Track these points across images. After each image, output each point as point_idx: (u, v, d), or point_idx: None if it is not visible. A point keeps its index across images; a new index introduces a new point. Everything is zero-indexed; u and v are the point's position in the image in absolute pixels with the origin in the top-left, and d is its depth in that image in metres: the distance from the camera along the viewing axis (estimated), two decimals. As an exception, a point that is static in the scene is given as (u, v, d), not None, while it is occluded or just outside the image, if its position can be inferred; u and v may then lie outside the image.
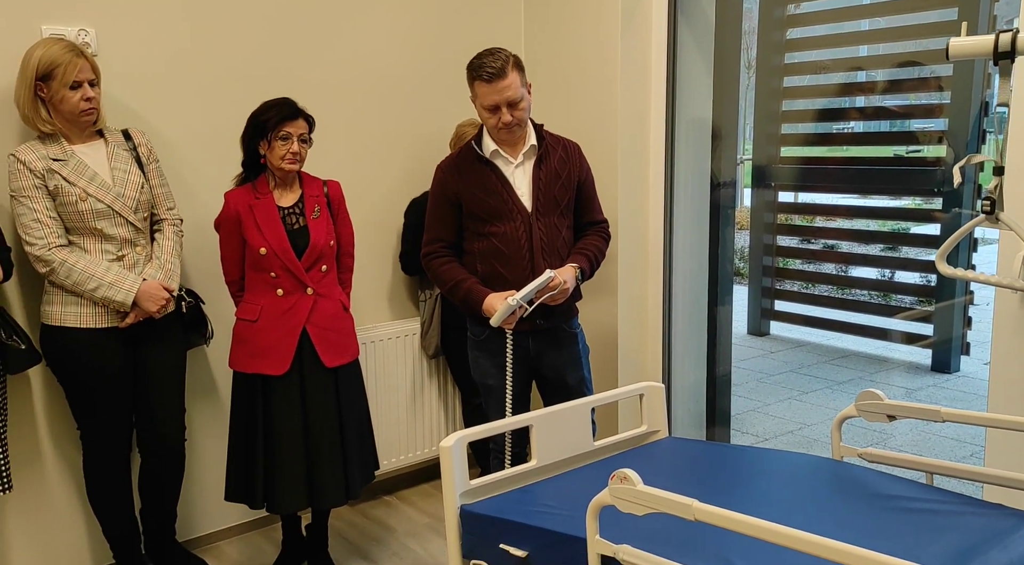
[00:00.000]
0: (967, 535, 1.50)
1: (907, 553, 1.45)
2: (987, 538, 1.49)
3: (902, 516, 1.61)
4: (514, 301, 2.24)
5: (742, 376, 5.35)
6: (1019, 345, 2.04)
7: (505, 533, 1.80)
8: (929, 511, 1.62)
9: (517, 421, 2.07)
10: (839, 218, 7.00)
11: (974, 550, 1.45)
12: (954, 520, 1.57)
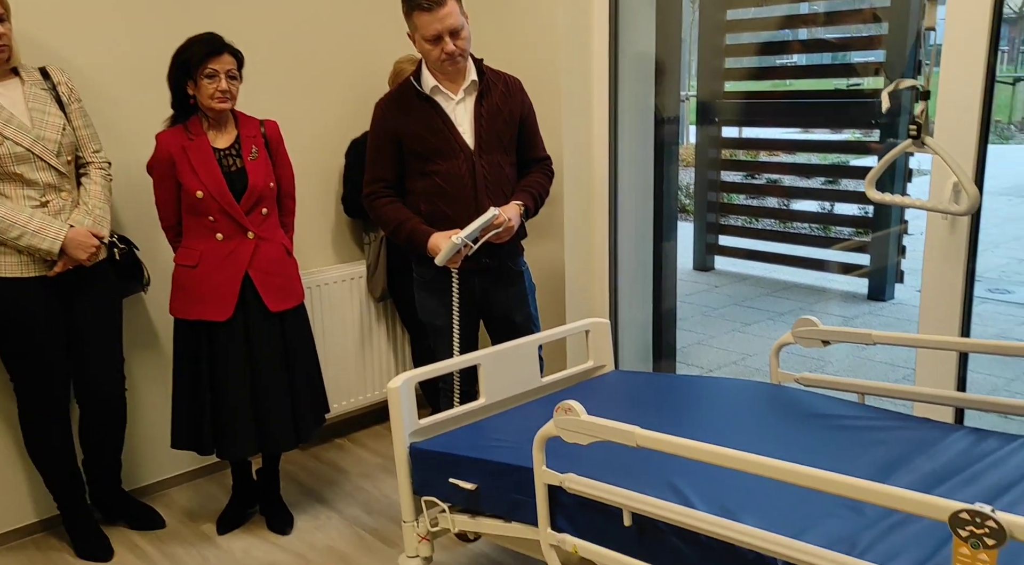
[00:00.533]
0: (895, 447, 1.58)
1: (839, 467, 1.52)
2: (913, 449, 1.57)
3: (835, 433, 1.68)
4: (458, 240, 2.23)
5: (688, 310, 5.46)
6: (948, 270, 2.11)
7: (454, 468, 1.83)
8: (861, 427, 1.70)
9: (465, 360, 2.08)
10: (782, 153, 7.09)
11: (901, 460, 1.52)
12: (884, 434, 1.65)
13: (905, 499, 1.05)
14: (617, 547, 1.53)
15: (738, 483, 1.47)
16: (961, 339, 1.73)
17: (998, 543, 0.96)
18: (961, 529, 0.99)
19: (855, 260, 5.52)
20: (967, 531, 0.98)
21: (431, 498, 1.93)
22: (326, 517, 2.72)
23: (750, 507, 1.37)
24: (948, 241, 2.11)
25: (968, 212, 1.06)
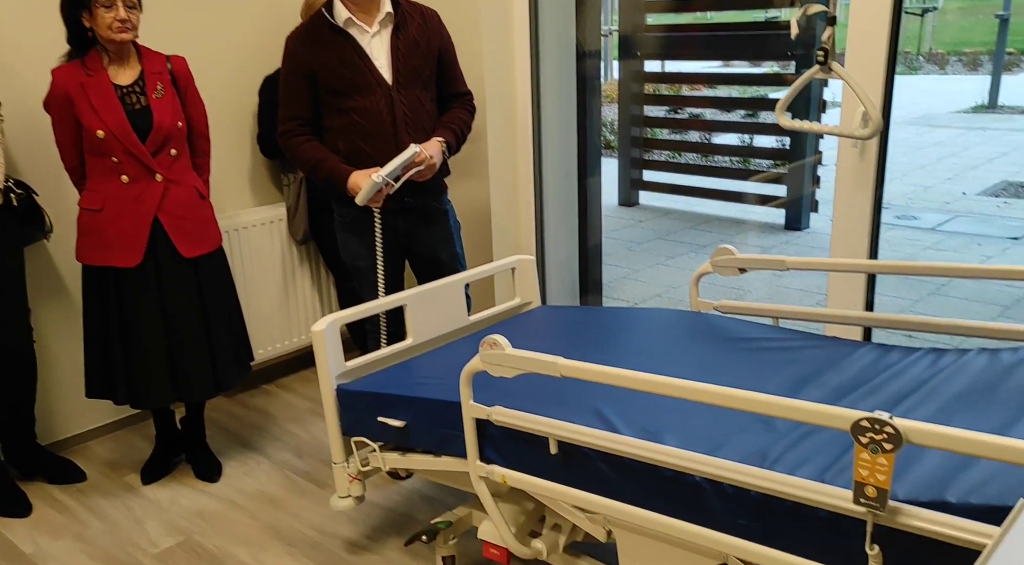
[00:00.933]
0: (806, 365, 1.66)
1: (754, 385, 1.59)
2: (823, 365, 1.65)
3: (751, 355, 1.75)
4: (379, 178, 2.18)
5: (613, 246, 5.53)
6: (858, 196, 2.18)
7: (382, 407, 1.83)
8: (775, 349, 1.77)
9: (390, 301, 2.07)
10: (703, 87, 7.15)
11: (811, 376, 1.60)
12: (796, 354, 1.72)
13: (810, 411, 1.11)
14: (545, 474, 1.57)
15: (659, 406, 1.52)
16: (868, 261, 1.81)
17: (895, 447, 1.03)
18: (862, 436, 1.05)
19: (773, 191, 5.68)
20: (867, 438, 1.04)
21: (361, 438, 1.94)
22: (255, 462, 2.70)
23: (671, 428, 1.43)
24: (858, 169, 2.18)
25: (872, 135, 1.10)
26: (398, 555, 2.16)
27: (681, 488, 1.34)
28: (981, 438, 0.99)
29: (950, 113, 9.88)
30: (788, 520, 1.22)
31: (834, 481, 1.19)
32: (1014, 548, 0.77)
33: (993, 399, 1.34)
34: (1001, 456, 0.98)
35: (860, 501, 1.08)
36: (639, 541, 1.46)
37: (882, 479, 1.05)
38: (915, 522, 1.07)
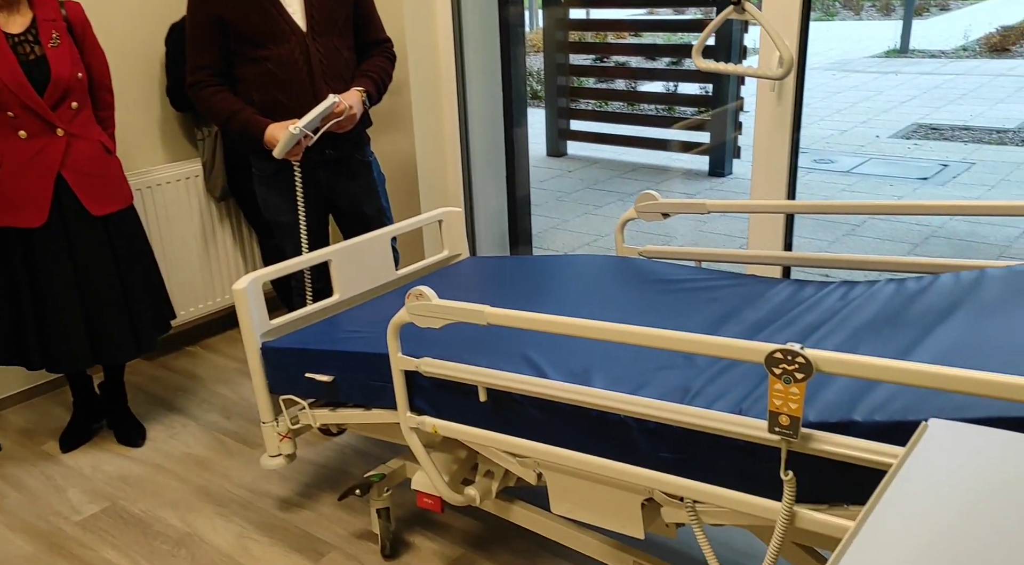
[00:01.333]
0: (726, 303, 1.71)
1: (677, 324, 1.63)
2: (742, 302, 1.69)
3: (674, 295, 1.79)
4: (297, 130, 2.11)
5: (542, 196, 5.54)
6: (776, 139, 2.23)
7: (310, 363, 1.81)
8: (697, 289, 1.81)
9: (314, 257, 2.02)
10: (628, 34, 7.14)
11: (731, 313, 1.65)
12: (717, 293, 1.77)
13: (726, 346, 1.15)
14: (476, 422, 1.58)
15: (587, 349, 1.55)
16: (783, 201, 1.85)
17: (806, 376, 1.07)
18: (775, 367, 1.09)
19: (697, 138, 5.75)
20: (780, 369, 1.08)
21: (290, 396, 1.91)
22: (181, 425, 2.64)
23: (598, 370, 1.45)
24: (775, 113, 2.22)
25: (784, 75, 1.11)
26: (332, 510, 2.16)
27: (607, 427, 1.37)
28: (884, 363, 1.03)
29: (865, 58, 10.15)
30: (708, 451, 1.26)
31: (751, 410, 1.23)
32: (916, 467, 0.81)
33: (898, 324, 1.40)
34: (900, 379, 1.03)
35: (775, 430, 1.13)
36: (568, 482, 1.50)
37: (794, 408, 1.09)
38: (825, 447, 1.12)
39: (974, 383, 0.98)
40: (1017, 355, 1.14)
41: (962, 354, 1.20)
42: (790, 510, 1.18)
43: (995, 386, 0.97)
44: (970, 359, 1.18)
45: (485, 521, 2.07)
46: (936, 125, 6.60)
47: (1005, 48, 9.73)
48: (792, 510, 1.18)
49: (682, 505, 1.36)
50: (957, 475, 0.79)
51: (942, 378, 1.00)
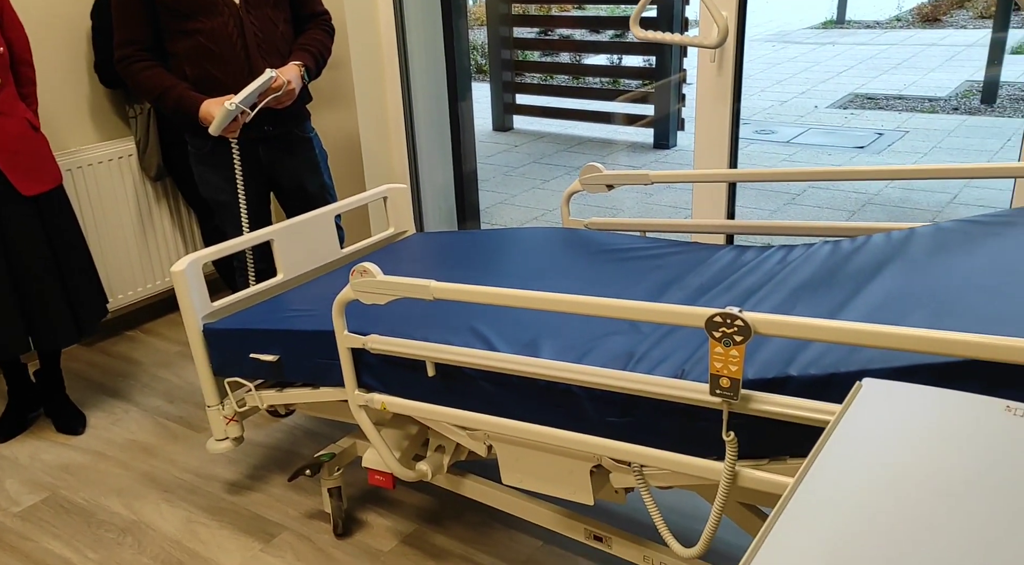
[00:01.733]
0: (670, 270, 1.73)
1: (622, 292, 1.65)
2: (685, 269, 1.72)
3: (620, 264, 1.81)
4: (233, 106, 2.05)
5: (489, 171, 5.51)
6: (717, 110, 2.25)
7: (254, 343, 1.77)
8: (642, 257, 1.83)
9: (255, 237, 1.98)
10: (572, 7, 7.10)
11: (674, 280, 1.67)
12: (661, 260, 1.79)
13: (667, 312, 1.16)
14: (425, 397, 1.57)
15: (535, 319, 1.55)
16: (723, 170, 1.88)
17: (745, 339, 1.10)
18: (715, 331, 1.11)
19: (641, 111, 5.78)
20: (720, 332, 1.11)
21: (235, 379, 1.88)
22: (123, 411, 2.58)
23: (545, 339, 1.46)
24: (716, 84, 2.24)
25: (719, 44, 1.12)
26: (282, 491, 2.14)
27: (555, 396, 1.38)
28: (817, 323, 1.06)
29: (803, 29, 10.31)
30: (653, 415, 1.29)
31: (692, 372, 1.25)
32: (850, 426, 0.84)
33: (833, 283, 1.44)
34: (831, 338, 1.06)
35: (716, 392, 1.15)
36: (518, 452, 1.51)
37: (734, 370, 1.11)
38: (765, 406, 1.15)
39: (896, 338, 1.02)
40: (940, 306, 1.19)
41: (889, 309, 1.24)
42: (732, 470, 1.21)
43: (913, 340, 1.00)
44: (896, 313, 1.22)
45: (437, 496, 2.08)
46: (871, 95, 6.75)
47: (936, 18, 9.98)
48: (734, 469, 1.21)
49: (630, 470, 1.38)
50: (889, 432, 0.81)
51: (867, 335, 1.03)
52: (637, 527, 1.92)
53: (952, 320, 1.13)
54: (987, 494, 0.71)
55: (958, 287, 1.22)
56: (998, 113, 5.95)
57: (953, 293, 1.20)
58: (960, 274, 1.26)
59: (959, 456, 0.77)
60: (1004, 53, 6.78)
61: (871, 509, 0.71)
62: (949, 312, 1.15)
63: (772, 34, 10.13)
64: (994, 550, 0.65)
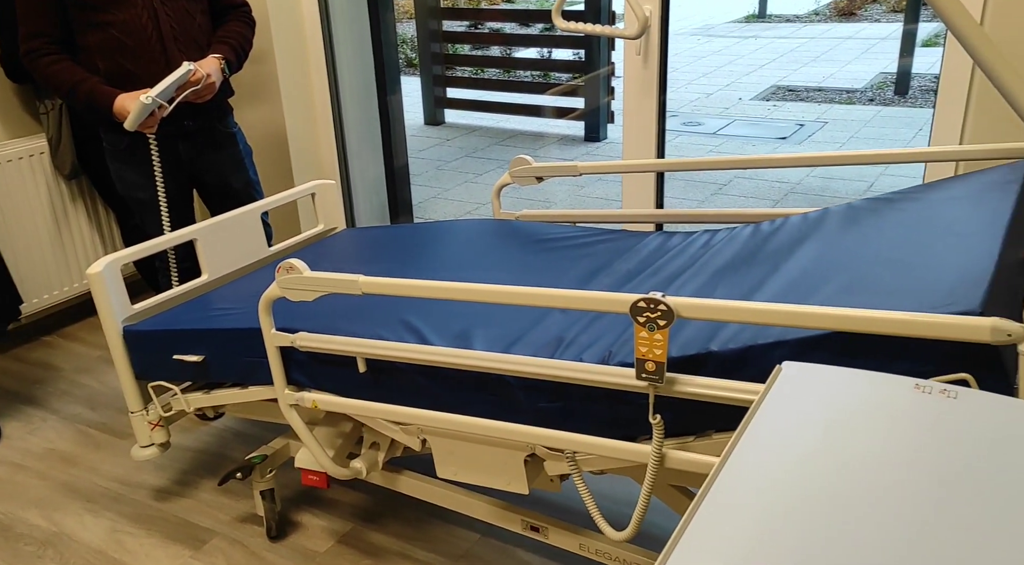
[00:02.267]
0: (599, 258, 1.75)
1: (552, 281, 1.66)
2: (614, 256, 1.75)
3: (550, 253, 1.82)
4: (149, 100, 1.98)
5: (421, 165, 5.47)
6: (644, 102, 2.29)
7: (177, 344, 1.72)
8: (572, 246, 1.85)
9: (177, 236, 1.92)
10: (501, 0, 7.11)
11: (603, 267, 1.70)
12: (590, 249, 1.81)
13: (593, 299, 1.18)
14: (357, 393, 1.56)
15: (466, 310, 1.55)
16: (650, 160, 1.91)
17: (668, 323, 1.12)
18: (639, 316, 1.13)
19: (572, 104, 5.83)
20: (644, 317, 1.13)
21: (159, 382, 1.82)
22: (40, 419, 2.47)
23: (478, 329, 1.46)
24: (642, 76, 2.27)
25: (638, 35, 1.14)
26: (212, 496, 2.09)
27: (487, 385, 1.39)
28: (737, 305, 1.09)
29: (726, 23, 10.54)
30: (582, 399, 1.30)
31: (618, 353, 1.27)
32: (771, 408, 0.86)
33: (753, 263, 1.47)
34: (751, 319, 1.09)
35: (642, 376, 1.17)
36: (452, 445, 1.50)
37: (659, 353, 1.13)
38: (690, 388, 1.17)
39: (807, 317, 1.05)
40: (849, 279, 1.23)
41: (802, 285, 1.28)
42: (659, 452, 1.23)
43: (820, 318, 1.04)
44: (807, 288, 1.26)
45: (373, 494, 2.06)
46: (792, 87, 6.96)
47: (852, 12, 10.35)
48: (661, 452, 1.23)
49: (563, 457, 1.39)
50: (807, 413, 0.84)
51: (779, 314, 1.07)
52: (573, 516, 1.94)
53: (858, 293, 1.17)
54: (901, 470, 0.74)
55: (867, 261, 1.27)
56: (910, 104, 6.21)
57: (863, 267, 1.25)
58: (870, 248, 1.31)
59: (872, 434, 0.80)
60: (915, 45, 7.07)
61: (792, 490, 0.73)
62: (857, 285, 1.20)
63: (697, 28, 10.33)
64: (913, 525, 0.68)
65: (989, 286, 1.03)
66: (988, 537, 0.66)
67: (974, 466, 0.74)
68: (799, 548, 0.67)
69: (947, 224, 1.28)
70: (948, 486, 0.72)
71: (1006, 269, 1.11)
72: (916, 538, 0.66)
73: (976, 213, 1.27)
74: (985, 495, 0.70)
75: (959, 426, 0.79)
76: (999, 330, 0.93)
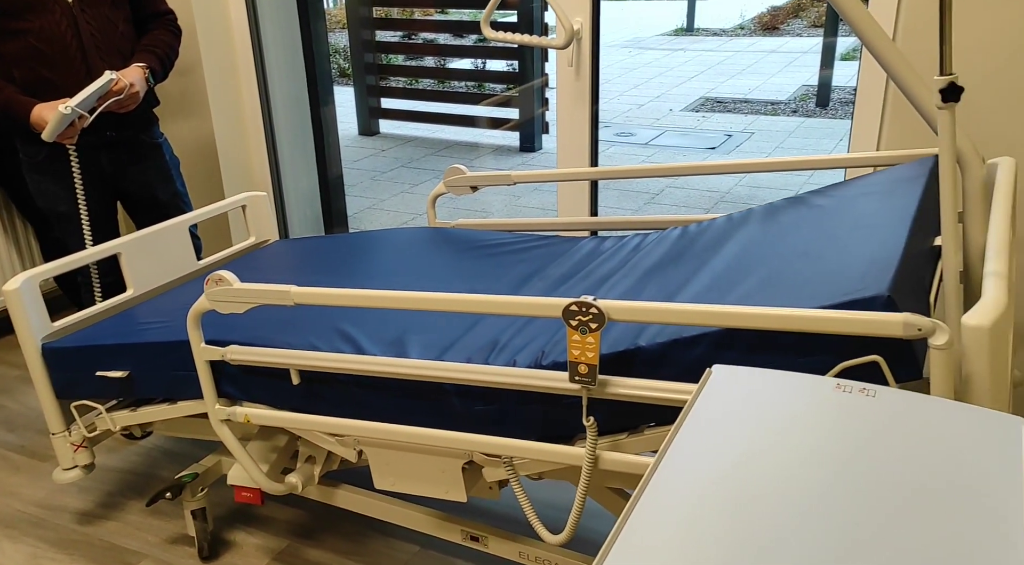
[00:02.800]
0: (533, 263, 1.77)
1: (486, 286, 1.67)
2: (547, 261, 1.77)
3: (485, 259, 1.83)
4: (68, 109, 1.92)
5: (356, 176, 5.43)
6: (576, 112, 2.32)
7: (100, 360, 1.67)
8: (507, 252, 1.86)
9: (100, 251, 1.86)
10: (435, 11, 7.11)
11: (536, 272, 1.71)
12: (525, 254, 1.83)
13: (525, 305, 1.20)
14: (291, 405, 1.53)
15: (401, 317, 1.55)
16: (582, 169, 1.93)
17: (600, 326, 1.14)
18: (571, 320, 1.15)
19: (506, 115, 5.86)
20: (576, 320, 1.14)
21: (83, 402, 1.75)
22: (-44, 446, 2.35)
23: (414, 336, 1.46)
24: (575, 87, 2.31)
25: (565, 45, 1.16)
26: (141, 517, 2.02)
27: (423, 392, 1.39)
28: (666, 307, 1.12)
29: (656, 36, 10.78)
30: (517, 402, 1.31)
31: (551, 353, 1.29)
32: (702, 411, 0.88)
33: (680, 263, 1.51)
34: (680, 320, 1.12)
35: (575, 379, 1.19)
36: (389, 455, 1.49)
37: (591, 356, 1.15)
38: (622, 390, 1.19)
39: (729, 317, 1.09)
40: (768, 274, 1.27)
41: (723, 283, 1.32)
42: (593, 454, 1.25)
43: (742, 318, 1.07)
44: (729, 285, 1.30)
45: (310, 509, 2.02)
46: (720, 98, 7.15)
47: (775, 27, 10.71)
48: (595, 454, 1.25)
49: (500, 462, 1.40)
50: (737, 415, 0.87)
51: (706, 315, 1.10)
52: (513, 525, 1.94)
53: (775, 285, 1.21)
54: (826, 469, 0.77)
55: (784, 255, 1.31)
56: (831, 115, 6.45)
57: (780, 261, 1.29)
58: (787, 244, 1.36)
59: (797, 434, 0.83)
60: (835, 58, 7.36)
61: (722, 491, 0.75)
62: (775, 278, 1.24)
63: (628, 40, 10.54)
64: (838, 521, 0.71)
65: (896, 271, 1.08)
66: (906, 532, 0.69)
67: (892, 463, 0.77)
68: (730, 548, 0.69)
69: (858, 218, 1.33)
70: (869, 483, 0.75)
71: (913, 256, 1.17)
72: (841, 535, 0.69)
73: (885, 206, 1.33)
74: (903, 491, 0.74)
75: (878, 424, 0.83)
76: (911, 325, 0.97)
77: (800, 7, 11.23)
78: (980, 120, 1.80)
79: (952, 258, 1.08)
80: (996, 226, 1.19)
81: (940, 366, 0.99)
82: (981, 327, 0.96)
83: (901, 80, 1.28)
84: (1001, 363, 0.99)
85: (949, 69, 1.03)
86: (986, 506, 0.71)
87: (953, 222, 1.07)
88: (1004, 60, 1.76)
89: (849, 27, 1.24)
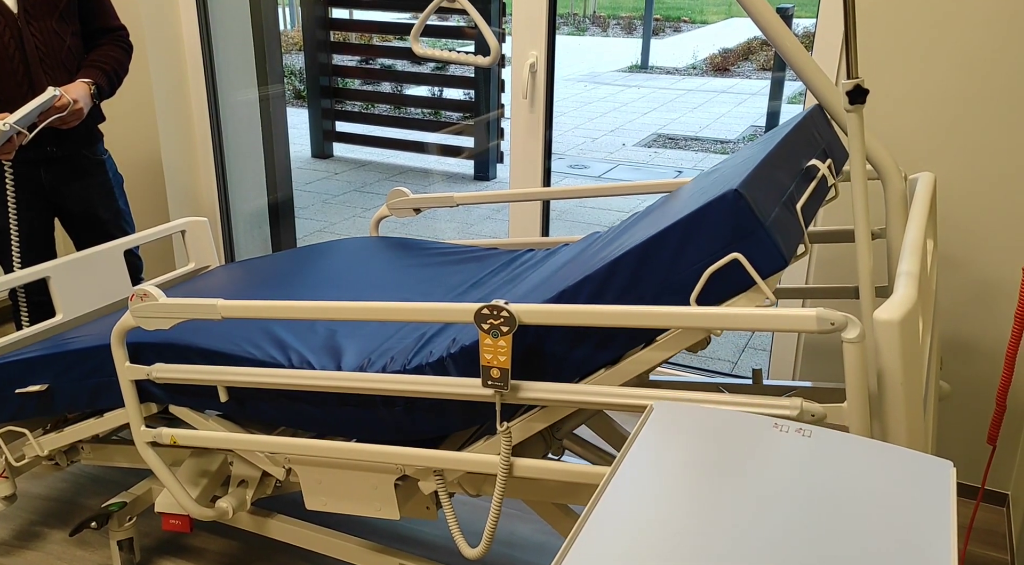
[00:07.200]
0: (470, 273, 1.79)
1: (423, 296, 1.69)
2: (487, 273, 1.78)
3: (424, 270, 1.84)
4: (7, 126, 1.87)
5: (308, 199, 5.39)
6: (530, 144, 2.36)
7: (17, 378, 1.61)
8: (446, 263, 1.87)
9: (26, 274, 1.80)
10: (393, 37, 7.15)
11: (475, 283, 1.73)
12: (462, 266, 1.85)
13: (439, 310, 1.21)
14: (220, 414, 1.50)
15: (342, 327, 1.54)
16: (525, 189, 1.95)
17: (511, 329, 1.15)
18: (484, 323, 1.16)
19: (462, 143, 5.90)
20: (488, 324, 1.16)
21: (10, 427, 1.69)
22: None
23: (345, 339, 1.47)
24: (529, 119, 2.34)
25: (491, 63, 1.19)
26: (63, 548, 1.94)
27: (348, 401, 1.39)
28: (573, 309, 1.13)
29: (612, 71, 11.00)
30: (431, 405, 1.33)
31: (462, 338, 1.30)
32: (642, 445, 0.89)
33: (577, 265, 1.53)
34: (587, 321, 1.13)
35: (488, 383, 1.19)
36: (320, 473, 1.47)
37: (503, 360, 1.16)
38: (533, 394, 1.21)
39: (637, 317, 1.14)
40: (636, 236, 1.29)
41: (587, 261, 1.35)
42: (508, 461, 1.26)
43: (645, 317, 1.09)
44: (596, 259, 1.32)
45: (243, 539, 1.97)
46: (672, 135, 7.31)
47: (726, 68, 11.02)
48: (510, 460, 1.27)
49: (432, 475, 1.39)
50: (674, 452, 0.88)
51: (610, 316, 1.12)
52: (451, 556, 1.92)
53: (642, 235, 1.23)
54: (762, 505, 0.79)
55: (653, 223, 1.32)
56: (778, 155, 6.63)
57: (649, 227, 1.31)
58: (655, 217, 1.37)
59: (734, 471, 0.84)
60: (782, 100, 7.59)
61: (659, 526, 0.76)
62: (642, 235, 1.26)
63: (584, 74, 10.72)
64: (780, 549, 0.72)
65: (749, 176, 1.12)
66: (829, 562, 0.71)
67: (822, 501, 0.79)
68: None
69: (722, 178, 1.36)
70: (798, 519, 0.77)
71: (771, 167, 1.20)
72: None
73: (751, 152, 1.38)
74: (836, 526, 0.75)
75: (812, 463, 0.85)
76: (824, 320, 1.00)
77: (750, 50, 11.60)
78: (902, 138, 1.89)
79: (866, 259, 1.13)
80: (911, 231, 1.23)
81: (853, 359, 1.01)
82: (891, 321, 0.98)
83: (813, 86, 1.31)
84: (914, 358, 1.01)
85: (855, 73, 1.07)
86: (912, 543, 0.73)
87: (865, 223, 1.11)
88: (931, 83, 1.84)
89: (771, 43, 1.28)
